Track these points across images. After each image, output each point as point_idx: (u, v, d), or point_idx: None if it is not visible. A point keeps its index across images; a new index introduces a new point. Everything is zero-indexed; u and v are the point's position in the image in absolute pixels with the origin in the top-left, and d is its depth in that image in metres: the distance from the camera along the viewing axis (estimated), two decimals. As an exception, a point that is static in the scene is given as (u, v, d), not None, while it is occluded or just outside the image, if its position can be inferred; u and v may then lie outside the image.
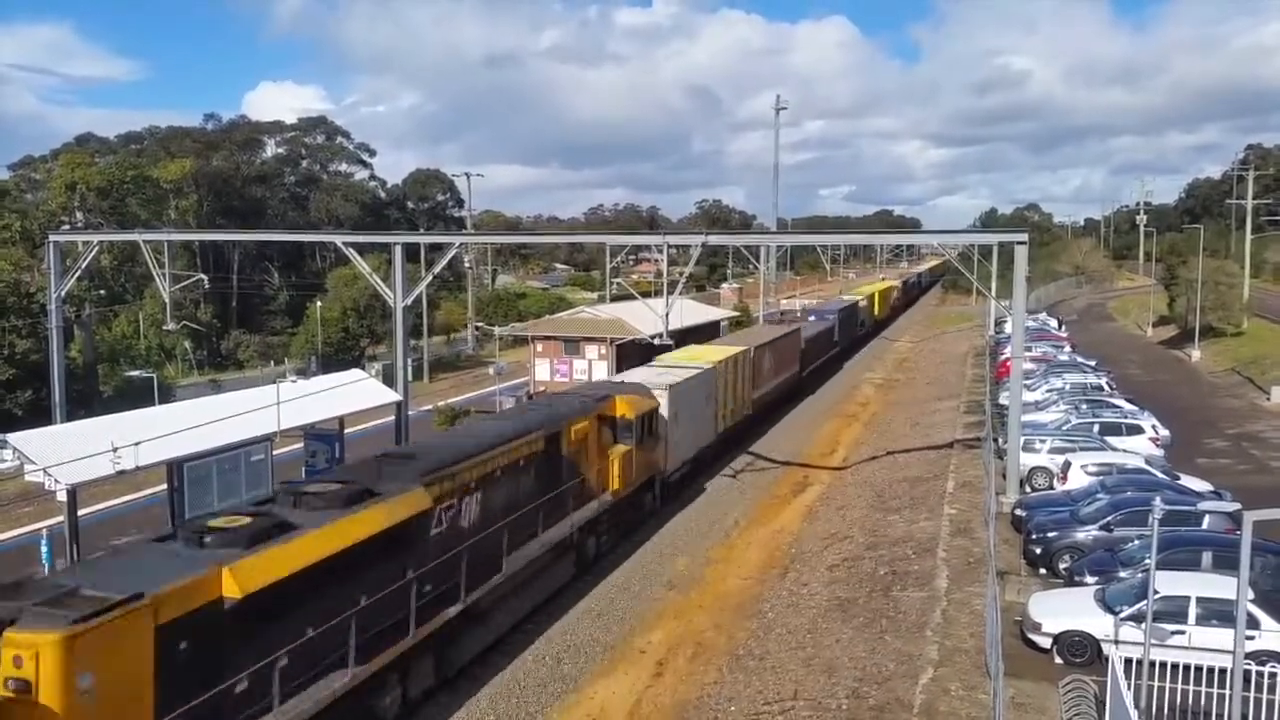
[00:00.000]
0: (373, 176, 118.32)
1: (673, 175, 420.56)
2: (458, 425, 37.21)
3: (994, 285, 44.79)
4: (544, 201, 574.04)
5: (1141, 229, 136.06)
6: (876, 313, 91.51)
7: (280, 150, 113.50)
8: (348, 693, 15.26)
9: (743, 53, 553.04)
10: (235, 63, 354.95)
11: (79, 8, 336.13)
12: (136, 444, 23.65)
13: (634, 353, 47.53)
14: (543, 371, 51.08)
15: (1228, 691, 13.26)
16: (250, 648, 13.36)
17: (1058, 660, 17.87)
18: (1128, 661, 14.94)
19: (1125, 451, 29.18)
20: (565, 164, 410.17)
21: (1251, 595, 15.19)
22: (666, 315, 32.87)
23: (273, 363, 71.77)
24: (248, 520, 14.83)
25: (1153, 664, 14.92)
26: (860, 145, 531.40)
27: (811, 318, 66.68)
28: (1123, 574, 19.41)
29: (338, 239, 42.98)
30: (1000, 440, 31.42)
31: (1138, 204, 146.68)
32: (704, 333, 58.01)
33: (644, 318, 44.68)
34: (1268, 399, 45.80)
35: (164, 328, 49.37)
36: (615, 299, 67.83)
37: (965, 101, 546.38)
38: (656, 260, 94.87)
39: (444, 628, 18.51)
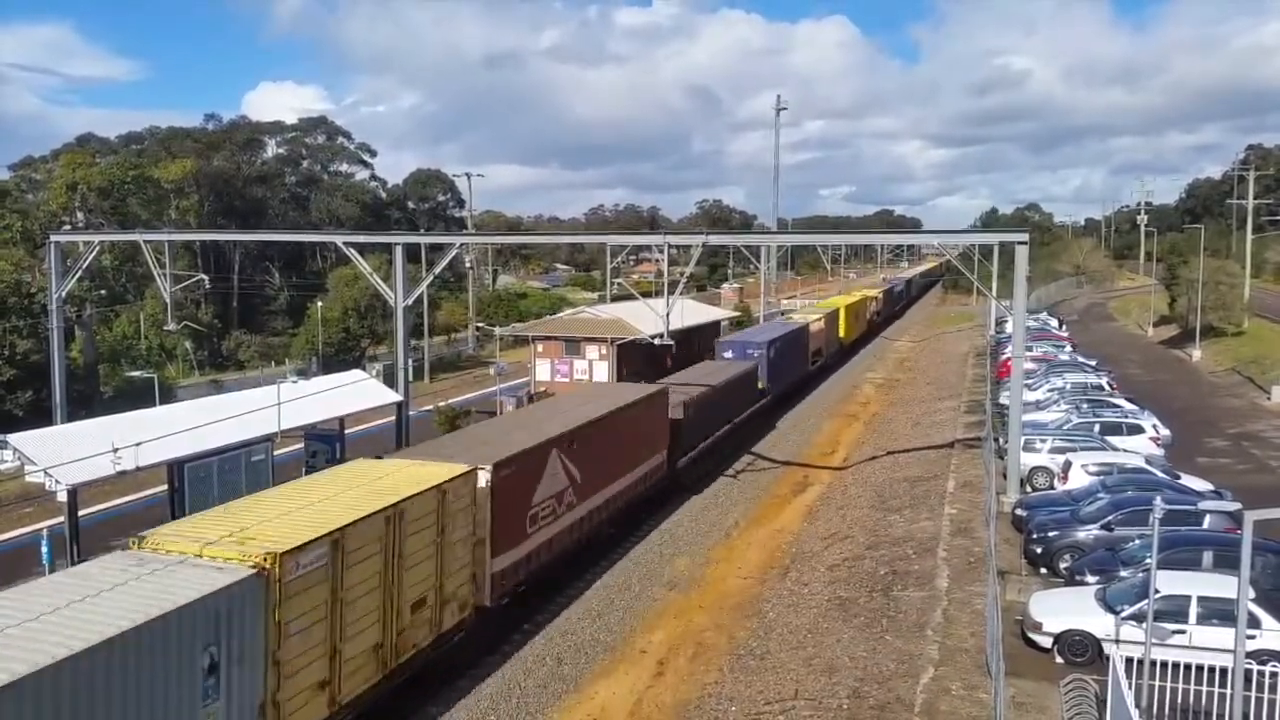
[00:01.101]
0: (373, 177, 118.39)
1: (673, 175, 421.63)
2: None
3: (994, 285, 44.74)
4: (544, 202, 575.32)
5: (1142, 229, 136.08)
6: (843, 334, 70.27)
7: (281, 150, 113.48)
8: None
9: (743, 52, 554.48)
10: (235, 63, 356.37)
11: (79, 8, 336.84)
12: (137, 444, 23.69)
13: (635, 353, 47.54)
14: (543, 372, 51.10)
15: (1229, 691, 13.25)
16: None
17: (1058, 660, 17.86)
18: (1129, 661, 14.92)
19: (1126, 451, 29.17)
20: (565, 164, 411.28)
21: (1252, 594, 15.20)
22: (667, 315, 32.89)
23: (273, 363, 71.78)
24: None
25: (1154, 663, 14.91)
26: (860, 145, 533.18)
27: (726, 354, 46.74)
28: (1123, 573, 19.40)
29: (338, 239, 43.01)
30: (1001, 440, 31.40)
31: (1138, 204, 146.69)
32: (705, 333, 57.96)
33: (645, 318, 44.63)
34: (1268, 398, 45.79)
35: (165, 328, 49.31)
36: (616, 299, 67.82)
37: (965, 101, 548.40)
38: (657, 260, 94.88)
39: None
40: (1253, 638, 15.36)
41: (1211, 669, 14.65)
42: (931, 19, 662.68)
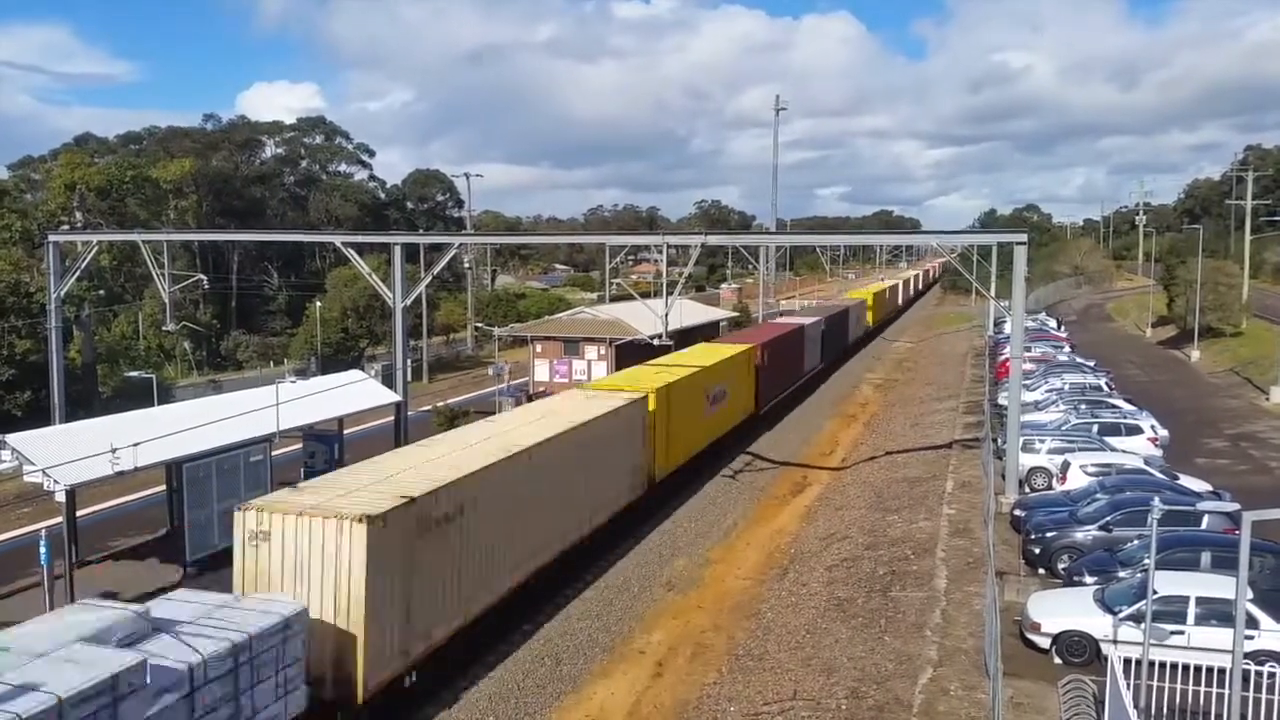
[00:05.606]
0: (372, 177, 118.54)
1: (668, 175, 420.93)
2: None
3: (993, 285, 44.80)
4: (543, 202, 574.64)
5: (1141, 229, 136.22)
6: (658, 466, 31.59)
7: (279, 151, 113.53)
8: None
9: (744, 49, 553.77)
10: (231, 62, 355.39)
11: (77, 9, 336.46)
12: (135, 445, 23.63)
13: (634, 353, 47.53)
14: (542, 372, 51.10)
15: (1227, 691, 13.26)
16: None
17: (1057, 660, 17.86)
18: (1127, 661, 14.93)
19: (1124, 452, 29.18)
20: (563, 164, 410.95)
21: (1250, 595, 15.20)
22: (666, 316, 32.88)
23: (272, 363, 71.76)
24: None
25: (1152, 664, 14.92)
26: (858, 145, 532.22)
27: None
28: (1122, 574, 19.42)
29: (337, 239, 42.93)
30: (999, 440, 31.41)
31: (1137, 204, 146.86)
32: (703, 333, 57.97)
33: (644, 318, 44.66)
34: (1266, 399, 45.82)
35: (163, 328, 49.30)
36: (614, 299, 67.87)
37: (967, 99, 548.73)
38: (656, 261, 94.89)
39: None
40: (1251, 638, 15.37)
41: (1210, 670, 14.66)
42: (937, 15, 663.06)
